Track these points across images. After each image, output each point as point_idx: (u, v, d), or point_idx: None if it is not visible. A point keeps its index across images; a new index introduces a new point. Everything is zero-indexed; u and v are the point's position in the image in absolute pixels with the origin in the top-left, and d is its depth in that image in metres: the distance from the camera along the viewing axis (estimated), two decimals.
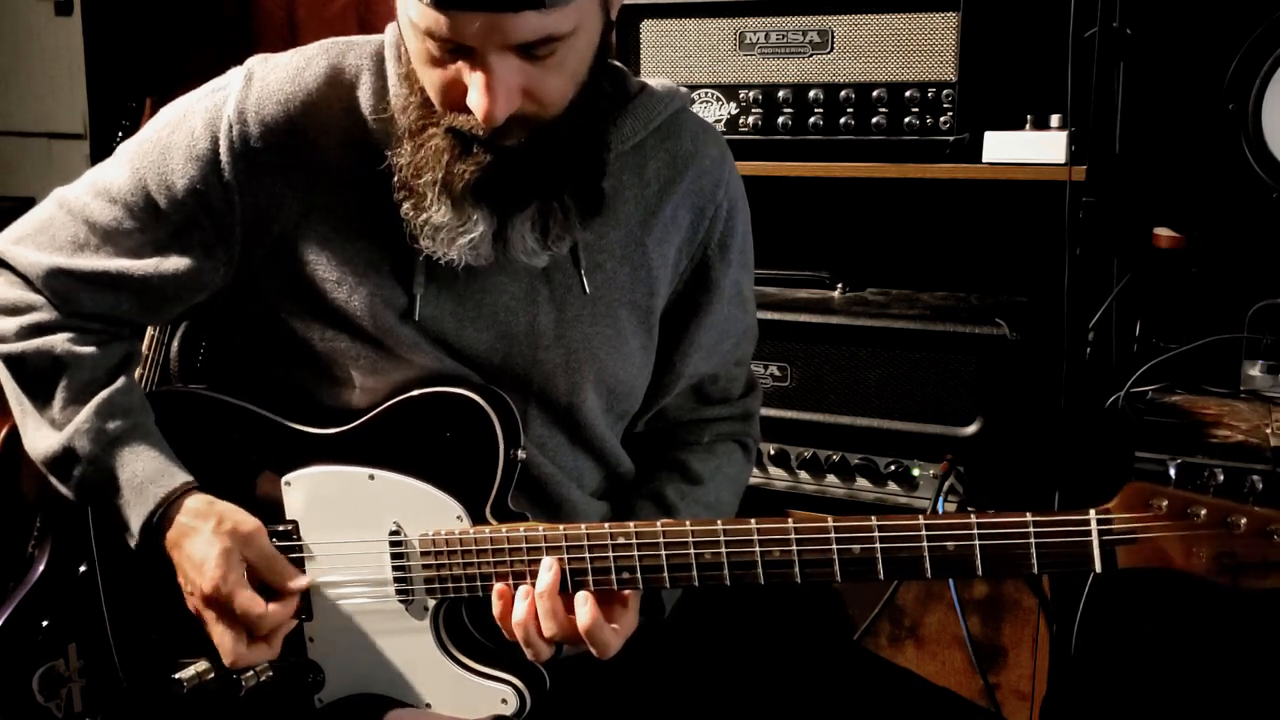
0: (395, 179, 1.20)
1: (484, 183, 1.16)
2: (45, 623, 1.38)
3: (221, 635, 1.24)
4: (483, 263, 1.22)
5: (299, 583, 1.27)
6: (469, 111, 1.12)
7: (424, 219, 1.18)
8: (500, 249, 1.21)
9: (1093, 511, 1.10)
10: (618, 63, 1.38)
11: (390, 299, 1.26)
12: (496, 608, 1.22)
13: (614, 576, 1.20)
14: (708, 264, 1.40)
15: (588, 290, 1.31)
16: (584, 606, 1.19)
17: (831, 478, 2.08)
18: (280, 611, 1.24)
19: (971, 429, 1.97)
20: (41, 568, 1.39)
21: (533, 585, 1.21)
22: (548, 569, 1.20)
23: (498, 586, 1.22)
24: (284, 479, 1.30)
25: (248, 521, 1.25)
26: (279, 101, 1.24)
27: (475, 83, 1.10)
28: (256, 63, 1.29)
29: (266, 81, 1.25)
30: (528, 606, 1.20)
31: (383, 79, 1.25)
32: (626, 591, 1.22)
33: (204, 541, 1.24)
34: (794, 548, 1.16)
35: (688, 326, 1.41)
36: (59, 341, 1.29)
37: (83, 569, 1.37)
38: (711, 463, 1.46)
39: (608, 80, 1.29)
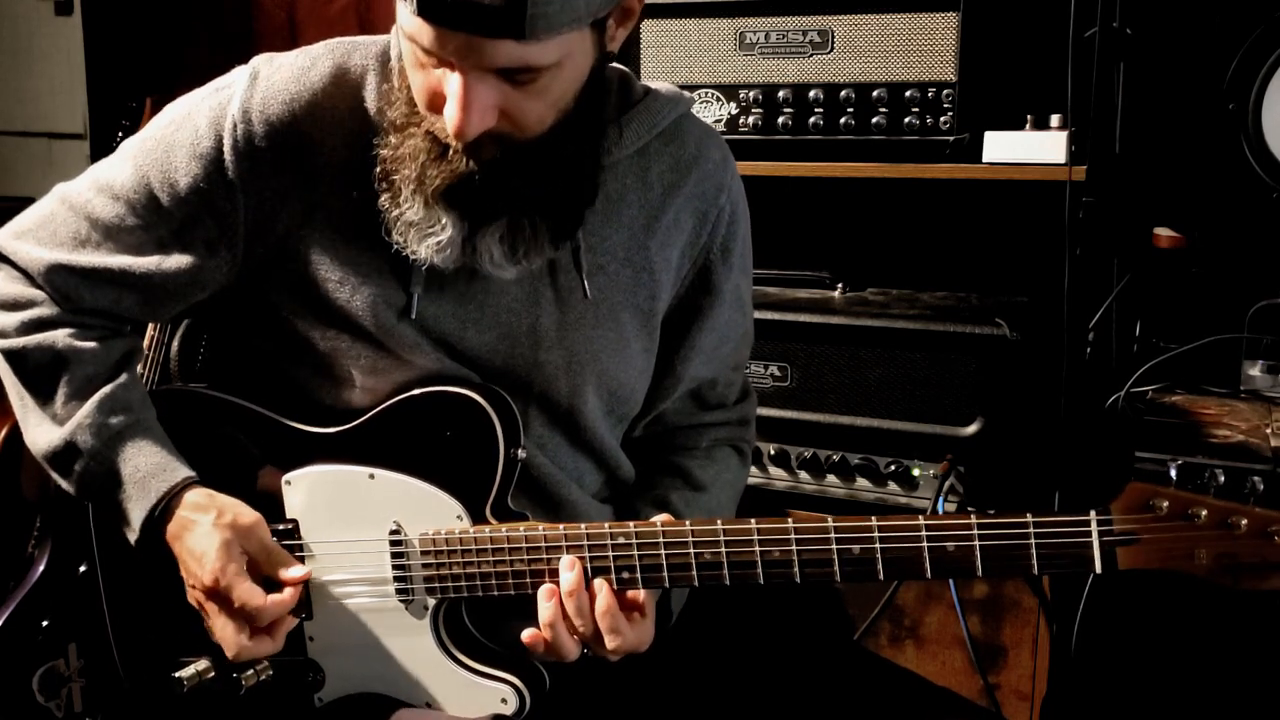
0: (377, 169, 1.20)
1: (454, 190, 1.17)
2: (45, 623, 1.38)
3: (223, 628, 1.23)
4: (450, 266, 1.22)
5: (296, 573, 1.26)
6: None
7: (397, 214, 1.19)
8: (470, 255, 1.21)
9: (1093, 512, 1.10)
10: (623, 67, 1.38)
11: (391, 299, 1.27)
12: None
13: (614, 575, 1.20)
14: (710, 268, 1.40)
15: (589, 294, 1.31)
16: (601, 593, 1.19)
17: (831, 478, 2.08)
18: (280, 603, 1.24)
19: (971, 429, 1.97)
20: (41, 568, 1.39)
21: (548, 584, 1.21)
22: (569, 568, 1.20)
23: (546, 586, 1.21)
24: (284, 478, 1.30)
25: (247, 514, 1.25)
26: (284, 101, 1.24)
27: (452, 95, 1.10)
28: (261, 62, 1.29)
29: (272, 81, 1.25)
30: (554, 605, 1.20)
31: (388, 79, 1.25)
32: (643, 598, 1.22)
33: (204, 534, 1.23)
34: (794, 548, 1.16)
35: (689, 330, 1.41)
36: (60, 337, 1.29)
37: (83, 568, 1.37)
38: (711, 469, 1.46)
39: (611, 90, 1.30)
